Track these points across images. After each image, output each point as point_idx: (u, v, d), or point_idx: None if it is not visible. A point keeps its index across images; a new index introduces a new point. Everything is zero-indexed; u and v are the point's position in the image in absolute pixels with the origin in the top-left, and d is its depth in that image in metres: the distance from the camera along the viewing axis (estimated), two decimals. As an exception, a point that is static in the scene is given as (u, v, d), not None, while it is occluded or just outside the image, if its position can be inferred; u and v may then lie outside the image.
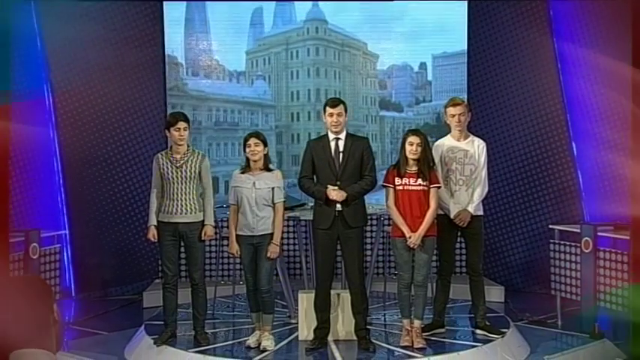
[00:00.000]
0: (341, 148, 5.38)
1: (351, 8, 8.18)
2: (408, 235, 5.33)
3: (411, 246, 5.35)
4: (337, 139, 5.40)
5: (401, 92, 8.29)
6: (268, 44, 8.19)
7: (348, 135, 5.46)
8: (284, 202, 5.52)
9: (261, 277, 5.39)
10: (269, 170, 5.47)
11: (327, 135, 5.46)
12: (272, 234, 5.39)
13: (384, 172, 5.59)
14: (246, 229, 5.40)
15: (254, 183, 5.39)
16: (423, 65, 8.24)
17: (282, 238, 5.57)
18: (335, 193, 5.27)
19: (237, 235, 5.44)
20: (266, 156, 5.48)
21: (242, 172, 5.49)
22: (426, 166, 5.36)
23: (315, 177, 5.44)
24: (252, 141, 5.41)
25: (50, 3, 7.59)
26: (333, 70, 8.22)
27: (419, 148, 5.33)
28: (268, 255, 5.37)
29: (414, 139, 5.35)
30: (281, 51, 8.21)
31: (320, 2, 8.18)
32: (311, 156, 5.44)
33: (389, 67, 8.27)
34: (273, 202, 5.41)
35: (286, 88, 8.23)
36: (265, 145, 5.46)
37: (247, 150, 5.42)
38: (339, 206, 5.30)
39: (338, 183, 5.31)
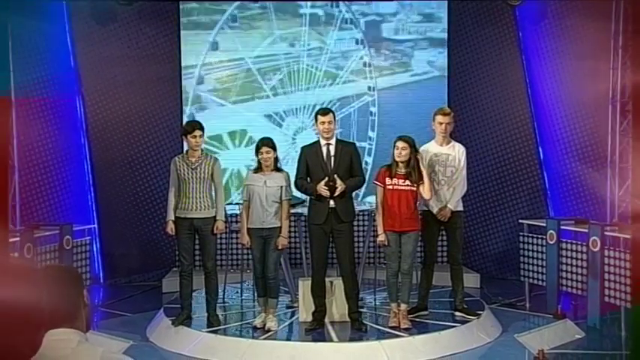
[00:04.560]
0: (332, 153, 5.37)
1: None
2: (379, 233, 5.38)
3: (379, 243, 5.42)
4: (328, 144, 5.39)
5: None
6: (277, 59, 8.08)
7: (337, 141, 5.46)
8: (289, 199, 5.53)
9: (268, 265, 5.40)
10: (278, 171, 5.47)
11: (319, 141, 5.45)
12: (280, 227, 5.39)
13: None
14: (256, 222, 5.40)
15: (265, 181, 5.39)
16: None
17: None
18: (324, 190, 5.22)
19: (248, 228, 5.44)
20: (276, 159, 5.47)
21: (255, 172, 5.49)
22: (415, 169, 5.36)
23: (308, 178, 5.44)
24: (265, 149, 5.38)
25: (82, 26, 7.62)
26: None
27: (404, 152, 5.34)
28: (278, 247, 5.37)
29: (400, 143, 5.36)
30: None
31: (310, 3, 8.02)
32: (305, 160, 5.44)
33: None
34: (280, 199, 5.42)
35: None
36: (275, 150, 5.46)
37: (260, 156, 5.41)
38: (332, 203, 5.29)
39: (330, 183, 5.29)
